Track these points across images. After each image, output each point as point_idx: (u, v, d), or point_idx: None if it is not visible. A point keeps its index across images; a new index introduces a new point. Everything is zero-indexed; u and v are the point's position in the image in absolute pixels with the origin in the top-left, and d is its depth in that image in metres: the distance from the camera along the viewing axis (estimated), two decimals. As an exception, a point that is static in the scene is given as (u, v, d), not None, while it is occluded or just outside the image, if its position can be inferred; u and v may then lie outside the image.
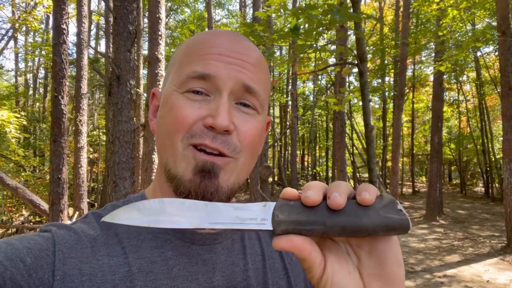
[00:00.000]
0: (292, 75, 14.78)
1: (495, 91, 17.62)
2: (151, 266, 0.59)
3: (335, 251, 0.48)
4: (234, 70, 0.61)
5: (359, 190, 0.45)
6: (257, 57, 0.66)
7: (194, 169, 0.58)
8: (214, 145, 0.58)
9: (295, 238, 0.44)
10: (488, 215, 13.85)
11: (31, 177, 13.54)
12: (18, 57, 23.91)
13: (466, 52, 10.74)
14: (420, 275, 7.00)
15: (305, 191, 0.45)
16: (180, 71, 0.63)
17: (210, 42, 0.63)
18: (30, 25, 14.97)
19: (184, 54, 0.65)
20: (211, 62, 0.60)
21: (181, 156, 0.60)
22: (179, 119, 0.60)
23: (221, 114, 0.57)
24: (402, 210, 0.44)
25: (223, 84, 0.60)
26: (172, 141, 0.60)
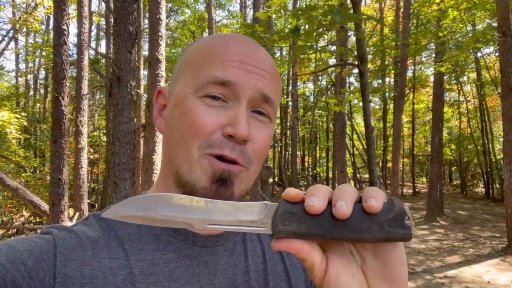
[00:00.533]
0: (293, 75, 14.78)
1: (495, 91, 17.61)
2: (153, 268, 0.59)
3: (338, 252, 0.47)
4: (254, 78, 0.61)
5: (365, 196, 0.44)
6: (274, 66, 0.66)
7: (211, 178, 0.58)
8: (232, 155, 0.58)
9: (294, 240, 0.44)
10: (488, 216, 13.83)
11: (31, 178, 13.55)
12: (18, 58, 23.95)
13: (467, 52, 10.74)
14: (421, 276, 7.00)
15: (310, 197, 0.44)
16: (198, 74, 0.62)
17: (231, 48, 0.62)
18: (30, 26, 14.98)
19: (202, 57, 0.63)
20: (232, 69, 0.60)
21: (196, 163, 0.59)
22: (197, 126, 0.59)
23: (241, 124, 0.57)
24: (409, 222, 0.43)
25: (242, 92, 0.59)
26: (188, 147, 0.60)
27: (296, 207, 0.44)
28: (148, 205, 0.45)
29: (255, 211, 0.45)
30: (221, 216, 0.44)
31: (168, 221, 0.44)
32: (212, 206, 0.45)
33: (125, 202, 0.45)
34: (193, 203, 0.45)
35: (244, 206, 0.45)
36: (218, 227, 0.44)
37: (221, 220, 0.44)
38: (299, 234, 0.43)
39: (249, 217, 0.44)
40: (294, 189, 0.45)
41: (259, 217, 0.44)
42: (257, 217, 0.44)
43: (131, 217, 0.45)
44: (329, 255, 0.47)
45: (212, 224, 0.44)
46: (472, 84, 20.53)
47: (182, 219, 0.44)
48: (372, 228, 0.42)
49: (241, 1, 24.39)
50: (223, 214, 0.44)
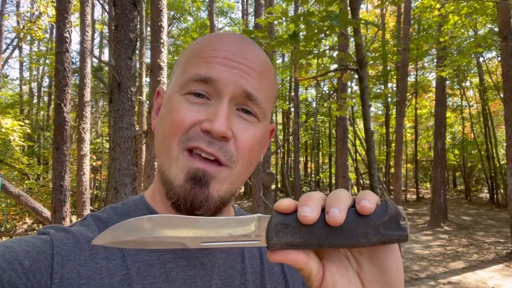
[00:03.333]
0: (294, 81, 14.82)
1: (498, 96, 17.55)
2: (149, 269, 0.59)
3: (335, 258, 0.47)
4: (237, 75, 0.59)
5: (358, 198, 0.44)
6: (263, 63, 0.64)
7: (185, 176, 0.58)
8: (210, 149, 0.57)
9: (290, 252, 0.43)
10: (493, 221, 13.72)
11: (34, 185, 13.59)
12: (22, 66, 24.12)
13: (468, 57, 10.73)
14: (425, 282, 6.94)
15: (302, 207, 0.42)
16: (183, 73, 0.62)
17: (216, 44, 0.62)
18: (34, 34, 15.15)
19: (189, 55, 0.63)
20: (214, 65, 0.59)
21: (175, 160, 0.59)
22: (177, 122, 0.59)
23: (218, 119, 0.56)
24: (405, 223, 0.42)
25: (224, 89, 0.58)
26: (168, 143, 0.60)
27: (289, 217, 0.43)
28: (138, 228, 0.44)
29: (247, 225, 0.44)
30: (214, 233, 0.44)
31: (161, 243, 0.44)
32: (204, 224, 0.44)
33: (114, 227, 0.44)
34: (185, 222, 0.44)
35: (236, 221, 0.44)
36: (212, 244, 0.44)
37: (214, 237, 0.44)
38: (294, 245, 0.43)
39: (242, 232, 0.44)
40: (286, 200, 0.44)
41: (252, 231, 0.44)
42: (250, 231, 0.44)
43: (122, 242, 0.44)
44: (326, 262, 0.46)
45: (205, 241, 0.44)
46: (474, 89, 20.48)
47: (175, 239, 0.43)
48: (368, 232, 0.42)
49: (243, 8, 24.55)
50: (215, 231, 0.44)
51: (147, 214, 0.65)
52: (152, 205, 0.67)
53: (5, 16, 17.97)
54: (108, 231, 0.44)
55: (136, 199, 0.69)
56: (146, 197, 0.69)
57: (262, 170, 9.43)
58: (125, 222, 0.44)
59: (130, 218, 0.63)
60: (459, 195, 24.51)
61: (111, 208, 0.67)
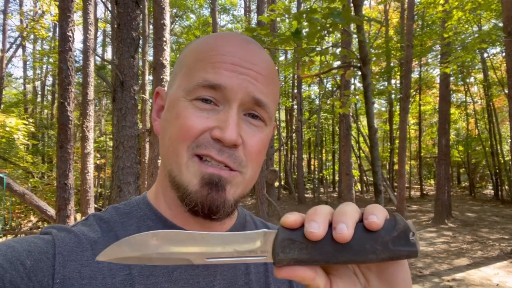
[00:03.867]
0: (297, 78, 14.79)
1: (502, 92, 17.44)
2: (152, 269, 0.58)
3: (343, 274, 0.46)
4: (246, 81, 0.59)
5: (366, 213, 0.43)
6: (269, 67, 0.64)
7: (200, 181, 0.57)
8: (220, 158, 0.57)
9: (297, 268, 0.43)
10: (497, 218, 13.67)
11: (39, 183, 13.66)
12: (26, 65, 24.23)
13: (472, 53, 10.66)
14: (429, 279, 6.93)
15: (309, 222, 0.42)
16: (189, 77, 0.61)
17: (223, 49, 0.61)
18: (37, 33, 15.19)
19: (194, 59, 0.62)
20: (222, 71, 0.58)
21: (186, 166, 0.58)
22: (186, 129, 0.58)
23: (229, 128, 0.56)
24: (414, 238, 0.41)
25: (233, 95, 0.58)
26: (177, 149, 0.59)
27: (296, 233, 0.42)
28: (143, 244, 0.43)
29: (253, 241, 0.43)
30: (219, 249, 0.43)
31: (165, 259, 0.43)
32: (209, 239, 0.43)
33: (119, 242, 0.44)
34: (190, 237, 0.43)
35: (242, 236, 0.43)
36: (217, 260, 0.43)
37: (219, 253, 0.43)
38: (301, 261, 0.42)
39: (248, 247, 0.43)
40: (292, 215, 0.43)
41: (258, 247, 0.43)
42: (256, 247, 0.43)
43: (126, 258, 0.43)
44: (333, 278, 0.46)
45: (211, 257, 0.43)
46: (479, 85, 20.37)
47: (180, 255, 0.43)
48: (376, 248, 0.41)
49: (245, 5, 24.50)
50: (221, 246, 0.43)
51: (149, 214, 0.65)
52: (155, 206, 0.66)
53: (9, 15, 18.04)
54: (113, 247, 0.44)
55: (139, 199, 0.69)
56: (149, 197, 0.69)
57: (265, 167, 9.43)
58: (130, 237, 0.44)
59: (133, 217, 0.65)
60: (463, 191, 24.43)
61: (113, 208, 0.67)
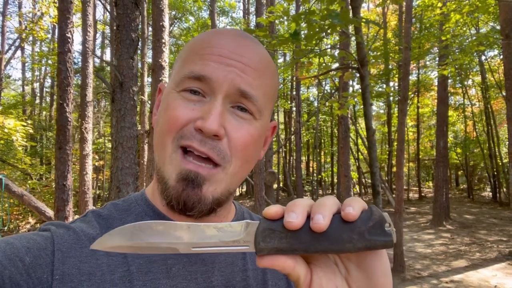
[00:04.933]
0: (295, 80, 14.81)
1: (500, 94, 17.50)
2: (150, 266, 0.59)
3: (323, 264, 0.47)
4: (232, 73, 0.58)
5: (343, 205, 0.44)
6: (261, 60, 0.63)
7: (177, 176, 0.58)
8: (202, 148, 0.57)
9: (277, 257, 0.44)
10: (495, 220, 13.69)
11: (37, 185, 13.63)
12: (25, 66, 24.20)
13: (470, 56, 10.70)
14: (427, 280, 6.93)
15: (288, 213, 0.43)
16: (180, 70, 0.62)
17: (213, 41, 0.61)
18: (36, 35, 15.19)
19: (187, 52, 0.63)
20: (209, 63, 0.59)
21: (169, 158, 0.59)
22: (172, 120, 0.59)
23: (211, 118, 0.56)
24: (390, 229, 0.43)
25: (218, 87, 0.58)
26: (163, 141, 0.60)
27: (276, 223, 0.44)
28: (134, 234, 0.45)
29: (237, 231, 0.45)
30: (204, 239, 0.45)
31: (154, 248, 0.45)
32: (195, 229, 0.45)
33: (111, 232, 0.46)
34: (177, 228, 0.45)
35: (226, 227, 0.46)
36: (203, 249, 0.45)
37: (205, 243, 0.45)
38: (281, 250, 0.44)
39: (232, 237, 0.45)
40: (274, 207, 0.45)
41: (241, 236, 0.45)
42: (239, 237, 0.45)
43: (118, 247, 0.45)
44: (313, 267, 0.47)
45: (196, 247, 0.45)
46: (477, 87, 20.42)
47: (167, 244, 0.45)
48: (353, 237, 0.42)
49: (244, 7, 24.55)
50: (206, 237, 0.45)
51: (147, 210, 0.66)
52: (152, 202, 0.67)
53: (7, 17, 18.04)
54: (106, 236, 0.46)
55: (137, 196, 0.69)
56: (147, 193, 0.69)
57: (264, 169, 9.44)
58: (121, 227, 0.46)
59: (131, 214, 0.65)
60: (461, 193, 24.46)
61: (112, 204, 0.67)
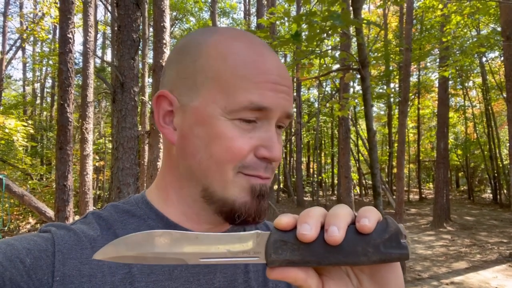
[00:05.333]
0: (296, 81, 14.83)
1: (501, 96, 17.50)
2: (152, 268, 0.58)
3: (335, 275, 0.46)
4: (283, 99, 0.60)
5: (358, 216, 0.43)
6: (289, 75, 0.66)
7: (251, 193, 0.59)
8: (266, 175, 0.60)
9: (288, 269, 0.43)
10: (496, 222, 13.68)
11: (38, 185, 13.64)
12: (26, 67, 24.25)
13: (471, 57, 10.70)
14: (427, 282, 6.93)
15: (302, 225, 0.42)
16: (230, 95, 0.58)
17: (263, 66, 0.59)
18: (37, 35, 15.21)
19: (232, 73, 0.58)
20: (267, 92, 0.58)
21: (231, 183, 0.59)
22: (233, 150, 0.58)
23: (276, 147, 0.59)
24: (405, 241, 0.42)
25: (274, 115, 0.60)
26: (222, 169, 0.59)
27: (288, 234, 0.43)
28: (139, 244, 0.44)
29: (246, 242, 0.44)
30: (213, 249, 0.44)
31: (160, 259, 0.44)
32: (204, 240, 0.44)
33: (116, 241, 0.44)
34: (184, 237, 0.44)
35: (235, 237, 0.44)
36: (211, 261, 0.44)
37: (213, 253, 0.44)
38: (293, 262, 0.42)
39: (241, 248, 0.44)
40: (285, 217, 0.44)
41: (251, 248, 0.44)
42: (249, 248, 0.44)
43: (122, 257, 0.44)
44: (325, 279, 0.46)
45: (204, 257, 0.44)
46: (477, 89, 20.42)
47: (174, 255, 0.44)
48: (368, 250, 0.41)
49: (245, 8, 24.58)
50: (215, 247, 0.44)
51: (150, 213, 0.65)
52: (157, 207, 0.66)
53: (9, 17, 18.07)
54: (110, 246, 0.44)
55: (138, 198, 0.68)
56: (149, 196, 0.68)
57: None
58: (126, 237, 0.44)
59: (132, 216, 0.64)
60: (462, 195, 24.44)
61: (112, 206, 0.67)
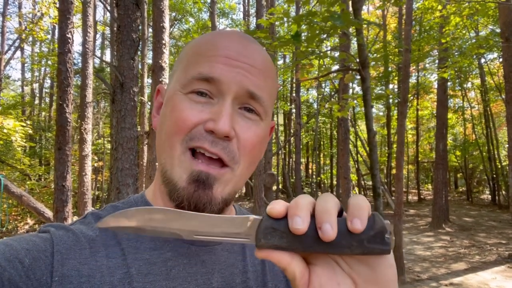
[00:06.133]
0: (296, 82, 14.83)
1: (500, 97, 17.53)
2: (150, 268, 0.58)
3: (322, 262, 0.47)
4: (240, 74, 0.59)
5: (351, 214, 0.43)
6: (265, 62, 0.64)
7: (188, 178, 0.58)
8: (213, 149, 0.58)
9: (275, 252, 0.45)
10: (495, 223, 13.69)
11: (36, 185, 13.62)
12: (24, 67, 24.18)
13: (470, 58, 10.73)
14: (426, 283, 6.93)
15: (293, 218, 0.43)
16: (186, 71, 0.62)
17: (219, 43, 0.61)
18: (36, 35, 15.20)
19: (192, 53, 0.63)
20: (217, 64, 0.59)
21: (178, 160, 0.59)
22: (180, 121, 0.59)
23: (222, 119, 0.57)
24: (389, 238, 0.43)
25: (227, 88, 0.59)
26: (171, 143, 0.60)
27: (279, 222, 0.45)
28: (139, 217, 0.47)
29: (240, 224, 0.46)
30: (208, 228, 0.47)
31: (158, 232, 0.47)
32: (200, 219, 0.47)
33: (117, 213, 0.47)
34: (181, 215, 0.47)
35: (230, 219, 0.47)
36: (205, 238, 0.47)
37: (208, 232, 0.47)
38: (280, 247, 0.45)
39: (235, 229, 0.46)
40: (277, 205, 0.45)
41: (244, 230, 0.46)
42: (242, 230, 0.46)
43: (123, 227, 0.47)
44: (312, 267, 0.46)
45: (199, 235, 0.47)
46: (476, 90, 20.45)
47: (171, 229, 0.47)
48: (352, 244, 0.43)
49: (244, 9, 24.58)
50: (210, 226, 0.47)
51: None
52: (152, 204, 0.67)
53: (7, 17, 18.03)
54: (111, 217, 0.47)
55: (137, 198, 0.69)
56: (147, 195, 0.69)
57: (263, 171, 9.43)
58: (127, 210, 0.48)
59: None
60: (460, 196, 24.47)
61: (111, 206, 0.67)
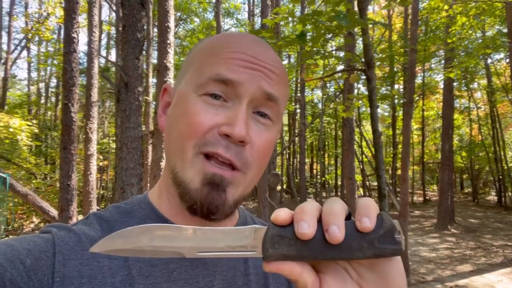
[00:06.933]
0: (300, 82, 14.81)
1: (506, 98, 17.40)
2: (151, 270, 0.58)
3: (332, 270, 0.46)
4: (258, 76, 0.59)
5: (359, 214, 0.43)
6: (281, 67, 0.63)
7: (202, 180, 0.57)
8: (227, 155, 0.56)
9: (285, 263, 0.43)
10: (501, 224, 13.59)
11: (42, 184, 13.71)
12: (30, 66, 24.36)
13: (476, 59, 10.65)
14: (432, 285, 6.89)
15: (299, 223, 0.42)
16: (200, 72, 0.60)
17: (236, 45, 0.61)
18: (42, 35, 15.31)
19: (206, 54, 0.62)
20: (235, 67, 0.58)
21: (190, 163, 0.58)
22: (194, 125, 0.57)
23: (239, 123, 0.55)
24: (399, 237, 0.43)
25: (244, 91, 0.58)
26: (183, 145, 0.59)
27: (285, 230, 0.43)
28: (136, 237, 0.44)
29: (244, 236, 0.44)
30: (211, 243, 0.44)
31: (158, 252, 0.44)
32: (201, 234, 0.44)
33: (113, 235, 0.45)
34: (182, 232, 0.44)
35: (233, 232, 0.45)
36: (208, 254, 0.44)
37: (211, 247, 0.44)
38: (289, 256, 0.43)
39: (239, 242, 0.44)
40: (282, 212, 0.44)
41: (249, 242, 0.44)
42: (246, 242, 0.44)
43: (119, 250, 0.44)
44: (322, 276, 0.45)
45: (202, 251, 0.44)
46: (482, 90, 20.32)
47: (172, 248, 0.44)
48: (363, 246, 0.42)
49: (249, 9, 24.58)
50: (212, 241, 0.44)
51: (150, 214, 0.65)
52: (156, 205, 0.66)
53: (14, 17, 18.17)
54: (107, 239, 0.44)
55: (140, 199, 0.69)
56: (150, 196, 0.69)
57: (267, 171, 9.42)
58: (123, 230, 0.44)
59: (134, 217, 0.65)
60: (466, 197, 24.32)
61: (114, 207, 0.67)
